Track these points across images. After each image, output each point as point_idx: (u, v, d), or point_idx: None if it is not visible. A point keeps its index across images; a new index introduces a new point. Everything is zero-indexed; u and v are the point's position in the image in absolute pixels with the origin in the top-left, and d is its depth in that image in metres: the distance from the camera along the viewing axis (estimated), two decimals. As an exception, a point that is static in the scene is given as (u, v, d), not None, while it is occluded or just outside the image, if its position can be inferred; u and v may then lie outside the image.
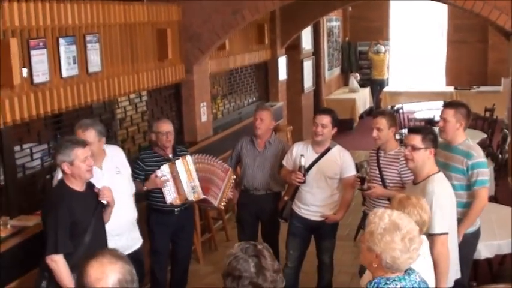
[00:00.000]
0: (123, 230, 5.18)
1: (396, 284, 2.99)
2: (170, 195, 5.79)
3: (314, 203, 5.78)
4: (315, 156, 5.76)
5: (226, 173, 5.99)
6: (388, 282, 3.00)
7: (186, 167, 5.79)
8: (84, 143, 4.45)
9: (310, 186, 5.74)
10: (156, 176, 5.67)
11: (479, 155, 5.03)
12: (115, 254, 2.37)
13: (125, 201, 5.17)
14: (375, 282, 3.03)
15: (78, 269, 4.12)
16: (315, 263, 6.17)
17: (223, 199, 6.03)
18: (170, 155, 5.89)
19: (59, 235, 4.25)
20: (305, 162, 5.66)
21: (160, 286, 6.12)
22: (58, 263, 4.28)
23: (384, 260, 2.98)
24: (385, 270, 3.03)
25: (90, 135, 4.90)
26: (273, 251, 6.19)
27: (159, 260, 6.04)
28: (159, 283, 6.09)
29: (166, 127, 5.85)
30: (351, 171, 5.81)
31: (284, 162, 6.02)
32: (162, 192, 5.76)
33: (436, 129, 5.21)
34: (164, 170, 5.73)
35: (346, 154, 5.87)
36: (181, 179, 5.76)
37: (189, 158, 5.87)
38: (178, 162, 5.75)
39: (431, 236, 4.15)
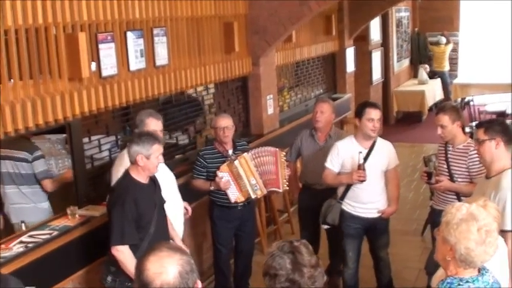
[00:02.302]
0: (182, 217, 5.25)
1: (469, 286, 2.90)
2: (233, 195, 5.80)
3: (371, 199, 5.67)
4: (364, 151, 5.62)
5: (275, 155, 5.95)
6: (461, 283, 2.91)
7: (244, 165, 5.78)
8: (161, 140, 4.55)
9: (365, 183, 5.55)
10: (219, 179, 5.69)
11: None
12: (171, 246, 2.36)
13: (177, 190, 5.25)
14: (447, 282, 2.94)
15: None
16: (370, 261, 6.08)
17: (284, 180, 6.02)
18: (230, 151, 5.89)
19: (125, 226, 4.33)
20: (360, 158, 5.49)
21: (225, 278, 6.16)
22: (124, 253, 4.36)
23: (458, 251, 2.88)
24: (458, 265, 2.92)
25: (160, 124, 5.05)
26: (338, 245, 6.18)
27: (223, 253, 6.08)
28: (223, 275, 6.14)
29: (224, 122, 5.83)
30: (396, 161, 5.78)
31: (329, 165, 5.72)
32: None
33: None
34: (223, 172, 5.72)
35: (390, 145, 5.83)
36: (242, 178, 5.77)
37: (246, 155, 5.84)
38: (237, 163, 5.74)
39: (503, 233, 4.00)
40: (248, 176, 5.77)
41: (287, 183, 6.10)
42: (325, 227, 5.97)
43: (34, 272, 4.41)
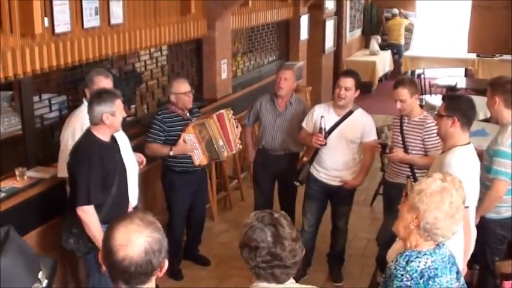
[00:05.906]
0: (136, 181, 5.12)
1: (427, 258, 2.91)
2: (198, 157, 5.74)
3: (334, 167, 5.68)
4: (337, 119, 5.64)
5: (222, 118, 5.89)
6: (419, 255, 2.92)
7: (213, 127, 5.74)
8: (120, 95, 4.42)
9: (331, 150, 5.61)
10: (184, 142, 5.61)
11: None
12: (145, 219, 2.24)
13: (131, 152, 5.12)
14: (406, 255, 2.94)
15: (108, 220, 4.13)
16: (330, 227, 6.12)
17: (236, 140, 6.02)
18: (187, 114, 5.81)
19: (92, 186, 4.22)
20: (325, 124, 5.54)
21: (179, 246, 6.08)
22: (89, 214, 4.26)
23: (425, 219, 2.89)
24: (420, 235, 2.93)
25: (110, 81, 4.92)
26: (290, 212, 6.21)
27: (180, 219, 6.01)
28: (177, 244, 6.03)
29: (185, 87, 5.75)
30: (372, 136, 5.72)
31: (304, 125, 5.90)
32: (186, 154, 5.71)
33: None
34: (190, 133, 5.65)
35: (369, 118, 5.76)
36: (211, 140, 5.72)
37: (215, 117, 5.79)
38: (207, 124, 5.67)
39: None
40: (217, 138, 5.73)
41: (239, 141, 6.09)
42: (297, 184, 6.00)
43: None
